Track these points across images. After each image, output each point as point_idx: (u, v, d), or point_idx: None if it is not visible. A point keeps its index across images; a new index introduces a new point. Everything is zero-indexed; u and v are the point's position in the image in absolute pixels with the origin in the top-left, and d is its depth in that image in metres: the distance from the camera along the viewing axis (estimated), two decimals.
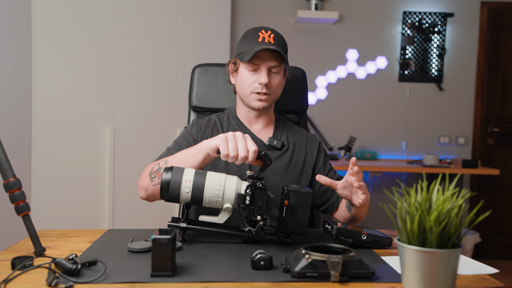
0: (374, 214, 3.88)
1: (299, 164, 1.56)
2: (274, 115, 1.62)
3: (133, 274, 0.97)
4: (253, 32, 1.49)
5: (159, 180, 1.31)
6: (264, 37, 1.46)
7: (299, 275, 0.95)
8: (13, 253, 1.11)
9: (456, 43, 3.98)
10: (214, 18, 3.28)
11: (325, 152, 1.63)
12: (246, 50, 1.47)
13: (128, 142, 3.19)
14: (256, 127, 1.57)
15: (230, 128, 1.56)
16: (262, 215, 1.19)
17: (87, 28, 3.14)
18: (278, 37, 1.49)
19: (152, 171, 1.35)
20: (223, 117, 1.60)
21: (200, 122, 1.58)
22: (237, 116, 1.59)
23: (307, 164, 1.57)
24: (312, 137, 1.63)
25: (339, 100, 3.93)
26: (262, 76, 1.46)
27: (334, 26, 3.91)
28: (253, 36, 1.47)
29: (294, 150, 1.56)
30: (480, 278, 1.02)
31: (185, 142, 1.51)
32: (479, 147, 4.03)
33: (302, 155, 1.57)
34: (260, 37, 1.46)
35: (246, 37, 1.50)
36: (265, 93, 1.48)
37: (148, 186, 1.35)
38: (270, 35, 1.47)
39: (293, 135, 1.60)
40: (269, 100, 1.51)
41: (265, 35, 1.47)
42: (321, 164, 1.59)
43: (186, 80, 2.89)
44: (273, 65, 1.47)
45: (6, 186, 1.10)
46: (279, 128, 1.59)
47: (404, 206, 0.84)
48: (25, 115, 3.06)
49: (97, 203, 3.17)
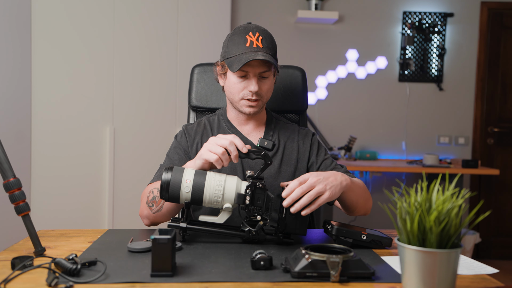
0: (374, 214, 3.89)
1: (292, 162, 1.52)
2: (266, 114, 1.59)
3: (133, 274, 0.97)
4: (241, 34, 1.43)
5: (157, 208, 1.34)
6: (252, 41, 1.40)
7: (299, 275, 0.95)
8: (13, 253, 1.11)
9: (456, 43, 3.98)
10: (214, 18, 3.27)
11: (318, 144, 1.58)
12: (234, 56, 1.41)
13: (128, 142, 3.20)
14: (246, 128, 1.55)
15: (220, 131, 1.54)
16: (262, 215, 1.19)
17: (87, 28, 3.14)
18: (266, 38, 1.43)
19: (148, 200, 1.36)
20: (214, 119, 1.58)
21: (190, 127, 1.56)
22: (227, 117, 1.56)
23: (301, 160, 1.53)
24: (304, 132, 1.59)
25: (339, 100, 3.93)
26: (252, 84, 1.42)
27: (334, 26, 3.91)
28: (241, 40, 1.42)
29: (285, 148, 1.53)
30: (480, 278, 1.02)
31: (177, 155, 1.50)
32: (479, 147, 4.03)
33: (294, 152, 1.54)
34: (248, 41, 1.41)
35: (234, 40, 1.44)
36: (256, 99, 1.45)
37: (149, 214, 1.37)
38: (258, 37, 1.41)
39: (284, 132, 1.56)
40: (260, 105, 1.48)
41: (253, 39, 1.41)
42: (313, 157, 1.55)
43: (186, 80, 2.88)
44: (262, 71, 1.43)
45: (6, 186, 1.10)
46: (270, 128, 1.56)
47: (404, 206, 0.84)
48: (25, 115, 3.06)
49: (97, 203, 3.17)
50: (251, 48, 1.41)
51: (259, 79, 1.44)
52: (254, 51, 1.40)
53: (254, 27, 1.45)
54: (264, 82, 1.46)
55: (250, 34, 1.42)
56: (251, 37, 1.42)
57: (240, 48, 1.41)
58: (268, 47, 1.43)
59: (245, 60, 1.38)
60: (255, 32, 1.43)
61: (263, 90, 1.46)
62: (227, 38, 1.48)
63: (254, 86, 1.42)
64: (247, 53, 1.40)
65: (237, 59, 1.41)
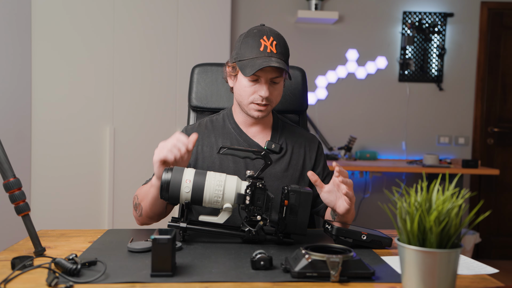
0: (374, 214, 3.89)
1: (298, 167, 1.53)
2: (272, 116, 1.59)
3: (133, 274, 0.97)
4: (255, 38, 1.41)
5: (139, 212, 1.42)
6: (266, 46, 1.39)
7: (299, 275, 0.95)
8: (13, 253, 1.11)
9: (456, 43, 3.98)
10: (214, 18, 3.28)
11: (324, 156, 1.60)
12: (247, 60, 1.40)
13: (128, 142, 3.20)
14: (253, 130, 1.54)
15: (225, 131, 1.53)
16: (262, 215, 1.19)
17: (87, 28, 3.14)
18: (280, 44, 1.42)
19: (133, 204, 1.44)
20: (218, 119, 1.57)
21: (190, 128, 1.55)
22: (234, 118, 1.55)
23: (306, 167, 1.54)
24: (311, 138, 1.60)
25: (339, 100, 3.93)
26: (263, 89, 1.42)
27: (334, 26, 3.91)
28: (255, 44, 1.40)
29: (292, 153, 1.54)
30: (480, 278, 1.02)
31: None
32: (479, 147, 4.03)
33: (301, 157, 1.54)
34: (262, 45, 1.39)
35: (247, 42, 1.42)
36: (265, 104, 1.45)
37: (135, 216, 1.45)
38: (272, 42, 1.40)
39: (292, 137, 1.56)
40: (269, 109, 1.48)
41: (267, 43, 1.40)
42: (320, 169, 1.57)
43: (186, 80, 2.89)
44: (274, 76, 1.42)
45: (6, 186, 1.10)
46: (277, 131, 1.56)
47: (404, 206, 0.84)
48: (25, 115, 3.06)
49: (97, 203, 3.17)
50: (265, 53, 1.39)
51: (270, 84, 1.44)
52: (268, 57, 1.39)
53: (269, 30, 1.44)
54: (274, 88, 1.45)
55: (264, 38, 1.41)
56: (265, 41, 1.41)
57: (253, 52, 1.40)
58: (282, 52, 1.43)
59: (259, 66, 1.37)
60: (269, 36, 1.42)
61: (273, 95, 1.45)
62: (240, 39, 1.46)
63: (265, 92, 1.42)
64: (261, 57, 1.39)
65: (250, 63, 1.39)
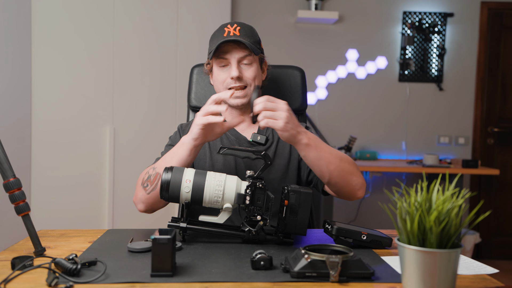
0: (374, 214, 3.89)
1: (285, 155, 1.52)
2: None
3: (133, 274, 0.97)
4: (220, 28, 1.47)
5: (152, 186, 1.31)
6: (229, 31, 1.44)
7: (299, 275, 0.95)
8: (13, 253, 1.11)
9: (456, 43, 3.98)
10: (214, 18, 3.27)
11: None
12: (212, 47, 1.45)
13: (128, 142, 3.20)
14: (241, 124, 1.54)
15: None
16: (262, 215, 1.19)
17: (87, 28, 3.14)
18: (244, 28, 1.46)
19: (143, 181, 1.34)
20: None
21: (184, 125, 1.58)
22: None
23: (293, 152, 1.52)
24: None
25: (339, 100, 3.93)
26: (232, 69, 1.43)
27: (334, 26, 3.91)
28: (219, 33, 1.46)
29: (278, 142, 1.53)
30: (480, 278, 1.02)
31: None
32: (479, 147, 4.03)
33: (287, 145, 1.53)
34: (226, 31, 1.44)
35: (214, 35, 1.48)
36: (240, 87, 1.45)
37: (143, 196, 1.34)
38: (236, 28, 1.44)
39: None
40: (247, 92, 1.47)
41: (231, 29, 1.44)
42: None
43: (186, 80, 2.89)
44: (242, 56, 1.44)
45: (6, 186, 1.10)
46: None
47: (404, 206, 0.84)
48: (25, 115, 3.06)
49: (97, 203, 3.17)
50: (228, 37, 1.43)
51: (241, 66, 1.45)
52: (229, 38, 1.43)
53: (234, 22, 1.49)
54: (246, 69, 1.46)
55: (228, 26, 1.46)
56: (228, 28, 1.45)
57: (218, 39, 1.44)
58: (246, 34, 1.45)
59: (218, 43, 1.41)
60: (233, 24, 1.47)
61: (246, 76, 1.45)
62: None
63: (235, 71, 1.43)
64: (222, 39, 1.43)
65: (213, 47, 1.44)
